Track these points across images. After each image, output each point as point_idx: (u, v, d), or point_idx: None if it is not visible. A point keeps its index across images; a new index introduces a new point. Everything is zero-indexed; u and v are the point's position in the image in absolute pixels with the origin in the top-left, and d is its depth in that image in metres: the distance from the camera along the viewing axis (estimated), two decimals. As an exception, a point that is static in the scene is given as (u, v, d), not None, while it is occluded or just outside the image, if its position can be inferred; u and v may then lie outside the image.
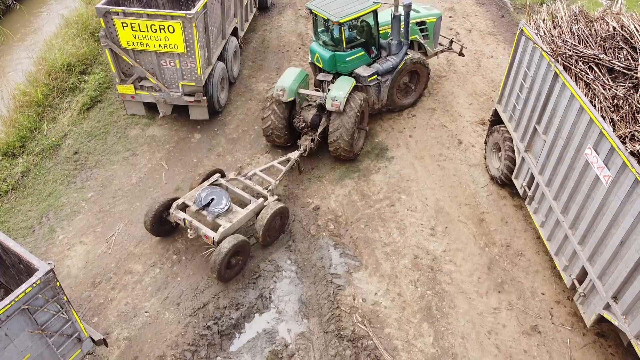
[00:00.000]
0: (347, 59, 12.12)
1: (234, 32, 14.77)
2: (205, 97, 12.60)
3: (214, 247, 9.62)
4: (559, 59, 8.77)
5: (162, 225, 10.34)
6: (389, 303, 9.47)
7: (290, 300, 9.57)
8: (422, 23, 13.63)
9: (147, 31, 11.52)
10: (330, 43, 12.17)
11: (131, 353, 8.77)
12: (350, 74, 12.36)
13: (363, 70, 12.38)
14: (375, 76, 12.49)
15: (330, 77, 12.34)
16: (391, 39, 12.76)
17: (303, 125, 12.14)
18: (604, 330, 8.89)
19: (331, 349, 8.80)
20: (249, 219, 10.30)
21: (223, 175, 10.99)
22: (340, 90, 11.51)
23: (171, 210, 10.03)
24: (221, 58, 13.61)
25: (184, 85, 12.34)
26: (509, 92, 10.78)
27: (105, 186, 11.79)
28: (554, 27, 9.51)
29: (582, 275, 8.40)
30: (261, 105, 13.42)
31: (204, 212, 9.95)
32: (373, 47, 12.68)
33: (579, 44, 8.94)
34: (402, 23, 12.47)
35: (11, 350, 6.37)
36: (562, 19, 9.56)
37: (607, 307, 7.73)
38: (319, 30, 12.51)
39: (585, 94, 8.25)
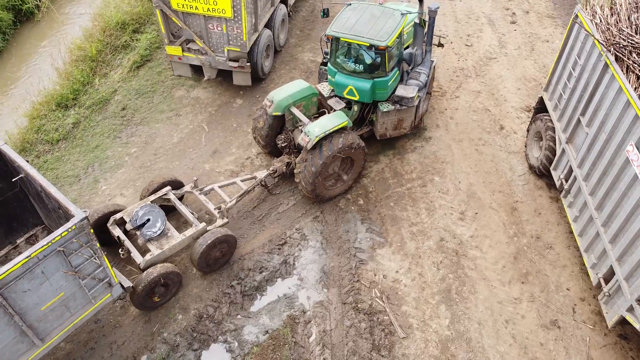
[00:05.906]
0: (389, 83, 10.84)
1: (284, 0, 14.75)
2: (249, 64, 12.75)
3: (140, 272, 9.04)
4: (612, 49, 8.36)
5: (104, 234, 9.47)
6: (409, 282, 9.55)
7: (313, 269, 9.81)
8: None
9: (197, -6, 11.70)
10: (361, 70, 10.70)
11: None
12: (387, 100, 11.14)
13: (405, 91, 11.03)
14: (418, 94, 11.39)
15: (342, 105, 11.07)
16: (416, 49, 11.50)
17: (285, 145, 10.92)
18: (627, 332, 8.69)
19: (347, 320, 9.01)
20: (186, 245, 9.47)
21: (179, 187, 10.23)
22: (318, 126, 9.89)
23: (108, 225, 9.36)
24: (268, 25, 13.67)
25: (229, 50, 12.52)
26: (557, 79, 10.38)
27: (148, 143, 12.26)
28: (612, 14, 9.04)
29: (610, 274, 8.19)
30: (304, 76, 13.51)
31: (137, 233, 9.24)
32: (399, 63, 11.34)
33: (636, 34, 8.47)
34: (426, 30, 11.32)
35: (47, 287, 6.91)
36: (621, 5, 9.06)
37: (631, 309, 7.55)
38: (340, 58, 10.89)
39: (635, 88, 7.87)
